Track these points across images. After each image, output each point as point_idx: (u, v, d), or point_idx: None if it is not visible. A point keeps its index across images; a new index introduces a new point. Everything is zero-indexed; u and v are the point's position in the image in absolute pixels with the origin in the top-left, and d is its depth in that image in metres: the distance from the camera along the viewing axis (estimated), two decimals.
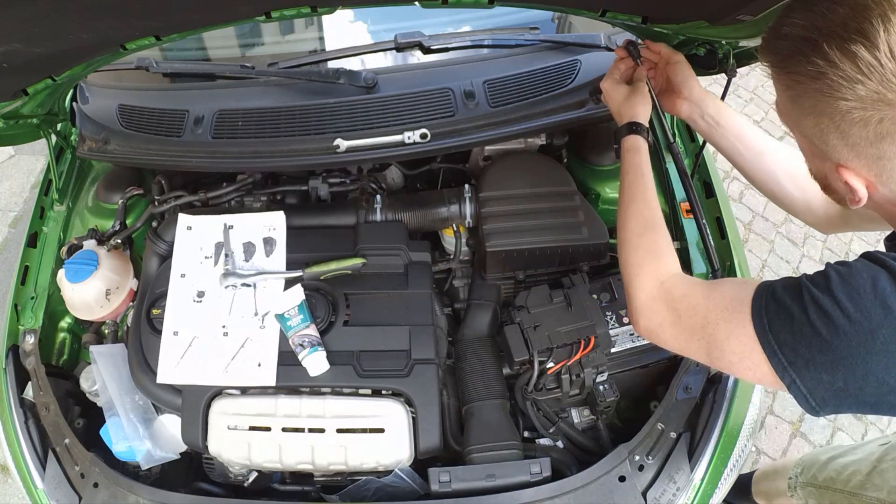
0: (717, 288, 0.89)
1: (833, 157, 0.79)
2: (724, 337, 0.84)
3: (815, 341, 0.75)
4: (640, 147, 1.14)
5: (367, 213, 1.49)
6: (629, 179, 1.11)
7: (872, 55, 0.68)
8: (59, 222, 1.65)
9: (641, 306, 0.98)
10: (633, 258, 1.02)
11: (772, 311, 0.80)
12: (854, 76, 0.69)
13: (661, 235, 1.04)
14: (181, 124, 1.50)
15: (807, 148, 0.85)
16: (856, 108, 0.71)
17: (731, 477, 1.25)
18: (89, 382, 1.39)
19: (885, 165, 0.75)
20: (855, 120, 0.72)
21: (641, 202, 1.07)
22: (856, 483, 1.47)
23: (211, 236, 1.42)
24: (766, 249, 3.02)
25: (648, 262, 1.00)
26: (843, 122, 0.73)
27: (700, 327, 0.88)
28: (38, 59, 1.06)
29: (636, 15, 1.18)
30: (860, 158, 0.76)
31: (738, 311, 0.83)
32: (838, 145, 0.77)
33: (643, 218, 1.05)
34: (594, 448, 1.37)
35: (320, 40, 1.74)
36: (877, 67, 0.68)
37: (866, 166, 0.77)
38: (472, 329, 1.45)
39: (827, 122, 0.75)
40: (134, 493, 1.21)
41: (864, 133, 0.73)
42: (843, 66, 0.70)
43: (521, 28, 1.64)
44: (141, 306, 1.39)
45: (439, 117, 1.43)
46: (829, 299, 0.75)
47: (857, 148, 0.75)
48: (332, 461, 1.21)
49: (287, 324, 1.27)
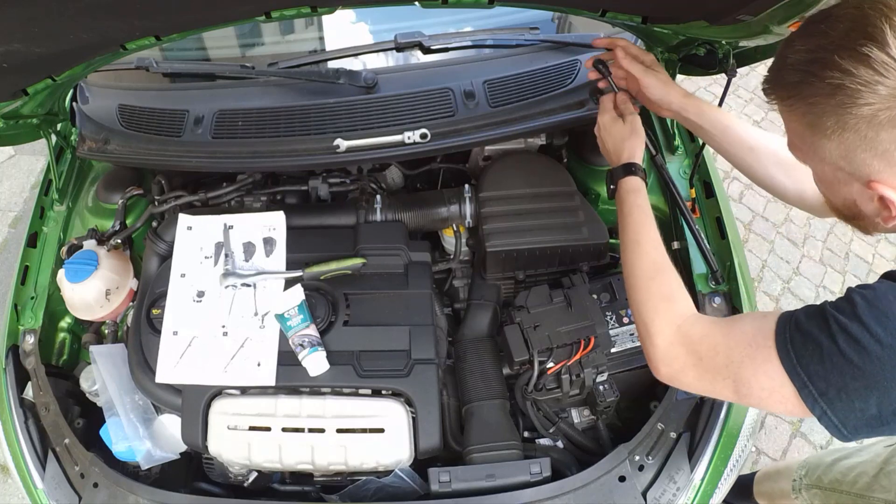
0: (737, 325, 0.89)
1: (862, 175, 0.78)
2: (751, 374, 0.83)
3: (847, 369, 0.75)
4: (640, 187, 1.14)
5: (367, 213, 1.49)
6: (633, 221, 1.10)
7: (886, 52, 0.68)
8: (59, 222, 1.65)
9: (661, 353, 0.96)
10: (646, 304, 1.00)
11: (798, 342, 0.79)
12: (872, 78, 0.69)
13: (671, 277, 1.02)
14: (181, 124, 1.50)
15: (830, 177, 0.83)
16: (881, 108, 0.71)
17: (732, 477, 1.25)
18: (89, 382, 1.39)
19: None
20: (882, 122, 0.71)
21: (648, 244, 1.06)
22: (862, 485, 1.46)
23: (211, 236, 1.42)
24: (766, 249, 3.02)
25: (662, 307, 0.98)
26: (871, 129, 0.72)
27: (724, 367, 0.87)
28: (38, 59, 1.06)
29: (636, 15, 1.18)
30: (893, 166, 0.75)
31: (762, 346, 0.82)
32: (867, 158, 0.75)
33: (651, 260, 1.04)
34: (594, 448, 1.37)
35: (320, 40, 1.74)
36: (892, 64, 0.68)
37: None
38: (472, 329, 1.45)
39: (852, 137, 0.74)
40: (134, 493, 1.21)
41: (892, 135, 0.72)
42: (858, 71, 0.70)
43: (521, 28, 1.64)
44: (141, 306, 1.39)
45: (439, 117, 1.43)
46: (858, 325, 0.74)
47: (888, 155, 0.74)
48: (332, 461, 1.21)
49: (287, 324, 1.27)
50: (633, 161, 1.16)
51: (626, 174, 1.15)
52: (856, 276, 3.00)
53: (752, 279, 2.46)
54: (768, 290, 2.89)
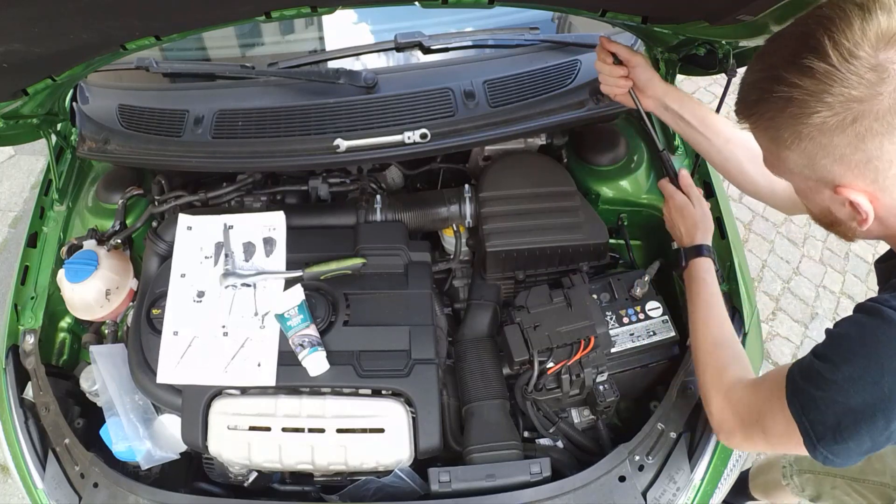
0: (763, 382, 0.99)
1: (829, 182, 0.82)
2: (771, 423, 0.94)
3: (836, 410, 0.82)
4: (711, 268, 1.24)
5: (367, 213, 1.49)
6: (702, 301, 1.19)
7: (827, 63, 0.73)
8: (59, 222, 1.65)
9: (715, 420, 1.08)
10: (703, 375, 1.12)
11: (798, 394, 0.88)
12: (817, 88, 0.74)
13: (727, 350, 1.12)
14: (181, 124, 1.50)
15: (803, 187, 0.88)
16: (829, 116, 0.75)
17: (732, 477, 1.25)
18: (89, 382, 1.39)
19: (878, 167, 0.78)
20: (833, 128, 0.75)
21: (713, 322, 1.15)
22: (856, 469, 1.46)
23: (211, 236, 1.42)
24: (766, 249, 3.02)
25: (716, 378, 1.09)
26: (824, 136, 0.77)
27: (755, 421, 0.97)
28: (38, 59, 1.06)
29: (636, 15, 1.18)
30: (853, 170, 0.79)
31: (777, 398, 0.91)
32: (828, 164, 0.80)
33: (713, 337, 1.14)
34: (594, 448, 1.37)
35: (320, 40, 1.74)
36: (833, 72, 0.73)
37: (861, 176, 0.79)
38: (472, 329, 1.45)
39: (809, 146, 0.79)
40: (134, 493, 1.21)
41: (844, 139, 0.76)
42: (803, 83, 0.75)
43: (521, 28, 1.64)
44: (141, 306, 1.39)
45: (439, 117, 1.43)
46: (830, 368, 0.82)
47: (846, 159, 0.78)
48: (332, 461, 1.21)
49: (287, 324, 1.27)
50: (705, 243, 1.27)
51: (698, 255, 1.25)
52: (855, 276, 3.00)
53: (752, 279, 2.46)
54: (768, 290, 2.89)
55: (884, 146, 0.76)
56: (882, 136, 0.75)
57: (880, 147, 0.76)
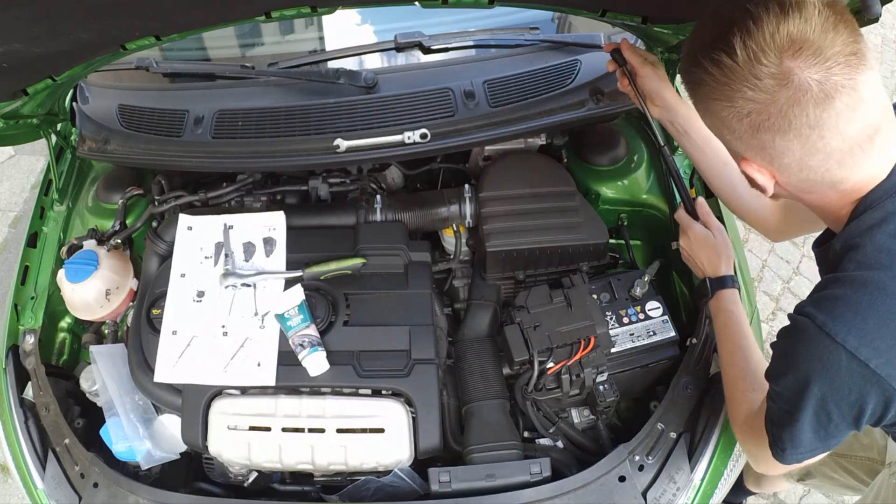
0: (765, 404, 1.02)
1: (736, 152, 0.89)
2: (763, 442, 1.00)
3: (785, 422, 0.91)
4: (738, 299, 1.24)
5: (367, 213, 1.49)
6: (731, 332, 1.19)
7: (733, 60, 0.78)
8: (59, 222, 1.65)
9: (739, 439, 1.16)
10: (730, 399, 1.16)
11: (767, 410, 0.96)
12: (721, 79, 0.81)
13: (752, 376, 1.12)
14: (181, 124, 1.50)
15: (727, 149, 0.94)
16: (727, 105, 0.82)
17: (731, 477, 1.25)
18: (89, 382, 1.39)
19: (771, 154, 0.83)
20: (731, 115, 0.82)
21: (742, 352, 1.16)
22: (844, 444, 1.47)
23: (211, 236, 1.41)
24: (766, 249, 3.02)
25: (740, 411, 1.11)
26: (726, 118, 0.84)
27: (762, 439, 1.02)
28: (38, 59, 1.06)
29: (636, 15, 1.18)
30: (751, 150, 0.85)
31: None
32: (731, 140, 0.87)
33: (742, 366, 1.15)
34: (594, 448, 1.37)
35: (320, 40, 1.74)
36: (737, 70, 0.78)
37: (759, 156, 0.85)
38: (472, 329, 1.45)
39: (716, 120, 0.87)
40: (134, 493, 1.21)
41: (741, 126, 0.83)
42: (712, 71, 0.81)
43: (521, 28, 1.64)
44: (141, 306, 1.39)
45: (439, 117, 1.43)
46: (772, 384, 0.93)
47: (744, 140, 0.84)
48: (332, 461, 1.21)
49: (287, 324, 1.27)
50: (730, 273, 1.26)
51: (722, 287, 1.24)
52: None
53: (752, 279, 2.46)
54: (768, 290, 2.89)
55: (775, 140, 0.81)
56: (774, 132, 0.80)
57: (772, 140, 0.81)
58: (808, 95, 0.76)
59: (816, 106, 0.76)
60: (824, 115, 0.77)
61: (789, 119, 0.78)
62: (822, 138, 0.79)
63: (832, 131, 0.78)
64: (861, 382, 0.80)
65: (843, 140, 0.79)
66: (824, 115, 0.77)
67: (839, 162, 0.81)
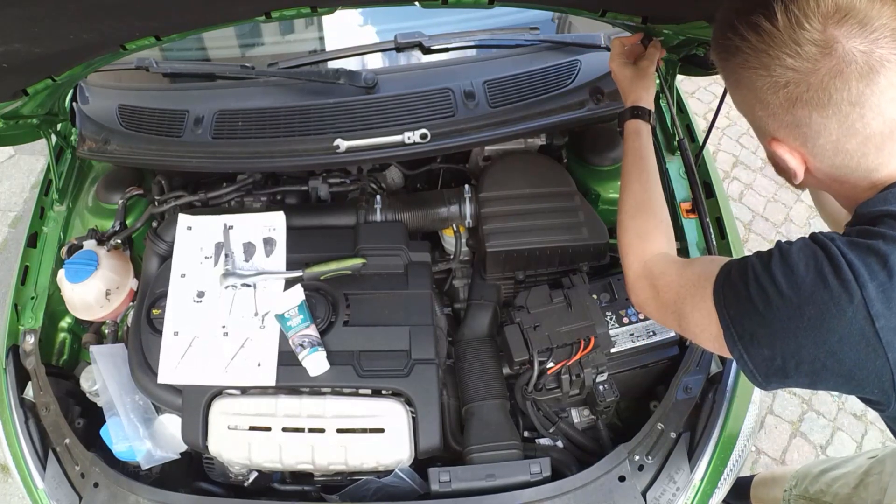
0: (690, 265, 0.95)
1: (766, 132, 0.83)
2: (690, 310, 0.89)
3: (755, 317, 0.78)
4: (641, 130, 1.18)
5: (367, 213, 1.49)
6: (628, 162, 1.16)
7: (773, 24, 0.73)
8: (59, 222, 1.64)
9: (630, 284, 1.07)
10: (623, 239, 1.11)
11: (727, 287, 0.83)
12: (759, 45, 0.75)
13: (649, 216, 1.09)
14: (181, 124, 1.50)
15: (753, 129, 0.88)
16: (764, 75, 0.76)
17: (731, 477, 1.25)
18: (89, 382, 1.39)
19: (806, 133, 0.78)
20: (767, 86, 0.77)
21: (637, 184, 1.13)
22: (843, 496, 1.47)
23: (211, 236, 1.42)
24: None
25: (635, 244, 1.07)
26: (760, 90, 0.78)
27: (672, 301, 0.94)
28: (38, 59, 1.06)
29: (636, 15, 1.18)
30: (783, 128, 0.79)
31: (702, 286, 0.87)
32: (763, 116, 0.81)
33: (636, 200, 1.12)
34: (594, 448, 1.37)
35: (320, 40, 1.74)
36: (777, 35, 0.73)
37: (791, 135, 0.79)
38: (472, 329, 1.45)
39: (748, 94, 0.81)
40: (134, 493, 1.21)
41: (776, 99, 0.77)
42: (749, 37, 0.76)
43: (521, 28, 1.64)
44: (141, 306, 1.39)
45: (439, 117, 1.43)
46: (767, 276, 0.78)
47: (777, 116, 0.79)
48: (332, 461, 1.21)
49: (287, 324, 1.27)
50: (637, 105, 1.20)
51: (630, 117, 1.20)
52: None
53: None
54: None
55: (812, 117, 0.76)
56: (812, 107, 0.75)
57: (809, 117, 0.76)
58: (853, 67, 0.70)
59: (860, 80, 0.71)
60: (867, 91, 0.71)
61: (830, 92, 0.72)
62: (863, 118, 0.73)
63: (874, 111, 0.73)
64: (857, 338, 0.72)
65: (885, 122, 0.73)
66: (867, 91, 0.71)
67: (878, 146, 0.76)
